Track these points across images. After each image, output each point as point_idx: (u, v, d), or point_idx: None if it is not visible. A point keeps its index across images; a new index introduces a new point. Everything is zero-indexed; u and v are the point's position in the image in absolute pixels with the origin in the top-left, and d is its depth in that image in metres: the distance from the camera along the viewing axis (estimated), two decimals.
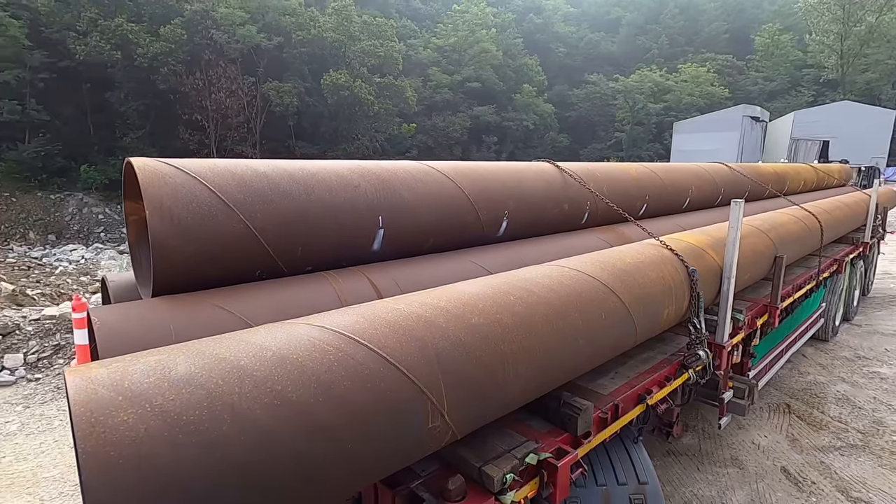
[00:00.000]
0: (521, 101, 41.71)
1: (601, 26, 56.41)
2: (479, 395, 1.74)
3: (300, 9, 29.91)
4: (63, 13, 23.80)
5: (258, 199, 2.02)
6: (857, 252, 6.81)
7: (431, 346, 1.63)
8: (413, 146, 35.96)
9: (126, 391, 1.13)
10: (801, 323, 5.61)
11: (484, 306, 1.89)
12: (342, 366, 1.42)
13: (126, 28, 24.12)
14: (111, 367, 1.21)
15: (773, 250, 4.03)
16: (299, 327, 1.53)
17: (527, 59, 45.08)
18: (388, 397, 1.47)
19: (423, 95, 38.87)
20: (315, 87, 29.57)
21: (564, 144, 45.41)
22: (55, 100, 24.58)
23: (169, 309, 1.77)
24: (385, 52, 31.26)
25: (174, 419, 1.12)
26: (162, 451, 1.08)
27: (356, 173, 2.42)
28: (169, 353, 1.31)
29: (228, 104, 26.44)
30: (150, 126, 26.69)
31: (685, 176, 5.00)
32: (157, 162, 1.93)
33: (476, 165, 3.13)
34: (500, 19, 45.06)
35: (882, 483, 4.37)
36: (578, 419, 2.16)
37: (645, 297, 2.56)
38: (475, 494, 1.80)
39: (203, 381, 1.21)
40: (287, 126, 30.14)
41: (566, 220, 3.64)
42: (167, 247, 1.80)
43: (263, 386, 1.27)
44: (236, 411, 1.20)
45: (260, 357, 1.34)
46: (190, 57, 25.89)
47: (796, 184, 7.53)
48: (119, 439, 1.04)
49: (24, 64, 23.00)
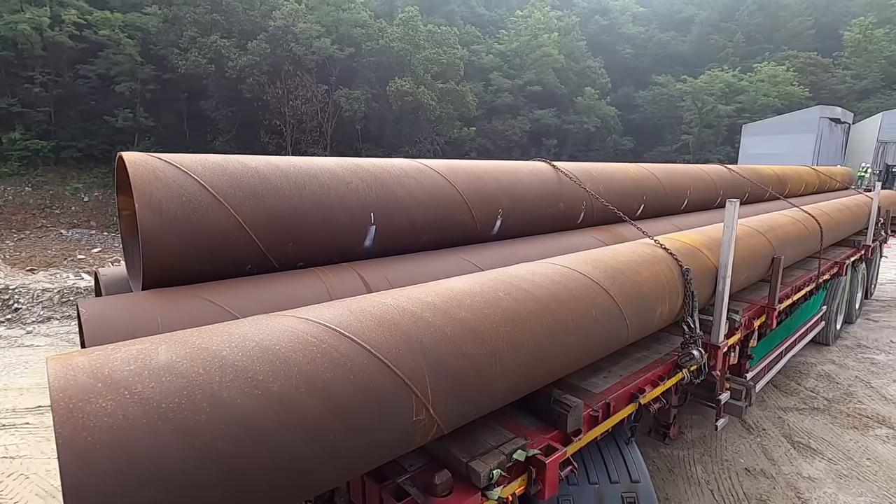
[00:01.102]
0: (583, 104, 40.98)
1: (672, 26, 53.69)
2: (466, 388, 1.74)
3: (370, 20, 32.09)
4: (169, 32, 27.42)
5: (249, 194, 2.02)
6: (858, 255, 6.75)
7: (417, 340, 1.63)
8: (472, 149, 36.23)
9: (106, 378, 1.13)
10: (800, 325, 5.58)
11: (471, 301, 1.89)
12: (325, 357, 1.41)
13: (219, 44, 27.36)
14: (93, 354, 1.21)
15: (770, 251, 4.02)
16: (284, 319, 1.53)
17: (590, 61, 44.55)
18: (372, 390, 1.46)
19: (485, 99, 39.30)
20: (381, 93, 31.32)
21: (628, 147, 44.00)
22: (159, 108, 28.28)
23: (157, 301, 1.77)
24: (447, 59, 32.67)
25: (153, 406, 1.12)
26: (140, 437, 1.08)
27: (348, 170, 2.43)
28: (151, 342, 1.31)
29: (304, 110, 28.99)
30: (235, 130, 29.78)
31: (683, 177, 4.99)
32: (148, 156, 1.94)
33: (471, 164, 3.14)
34: (563, 22, 44.37)
35: (827, 434, 4.90)
36: (568, 416, 2.16)
37: (637, 296, 2.55)
38: (462, 490, 1.79)
39: (184, 370, 1.21)
40: (355, 130, 32.03)
41: (562, 220, 3.64)
42: (157, 240, 1.80)
43: (244, 375, 1.27)
44: (216, 400, 1.20)
45: (242, 347, 1.34)
46: (272, 68, 28.77)
47: (798, 186, 7.50)
48: (97, 425, 1.04)
49: (136, 77, 26.81)
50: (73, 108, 26.11)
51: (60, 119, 25.71)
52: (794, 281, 4.88)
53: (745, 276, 3.73)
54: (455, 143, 35.19)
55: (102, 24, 25.71)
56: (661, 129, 45.59)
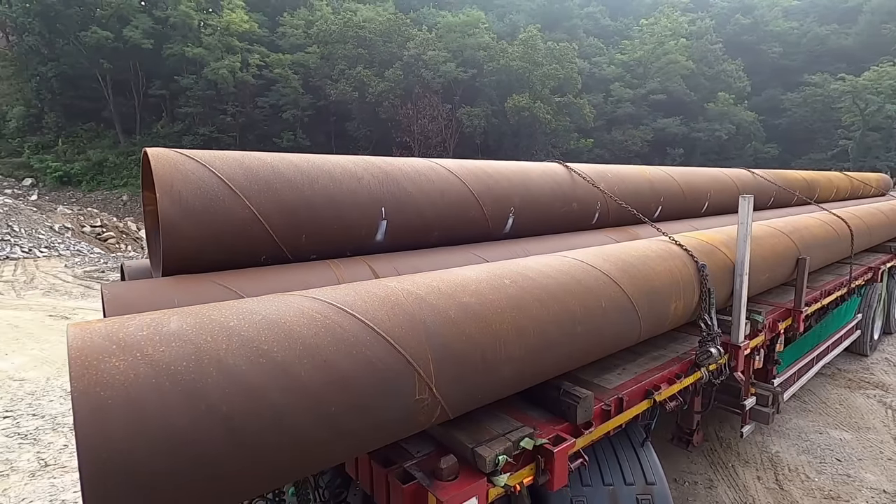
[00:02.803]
0: (715, 111, 38.76)
1: (833, 17, 47.80)
2: (471, 372, 1.75)
3: (493, 43, 35.06)
4: (324, 67, 33.43)
5: (264, 186, 2.09)
6: (895, 261, 6.48)
7: (420, 321, 1.65)
8: (589, 160, 36.25)
9: (120, 341, 1.20)
10: (832, 332, 5.36)
11: (477, 287, 1.90)
12: (329, 332, 1.45)
13: (363, 74, 32.08)
14: (109, 321, 1.29)
15: (794, 252, 3.91)
16: (291, 297, 1.58)
17: (725, 64, 42.22)
18: (375, 366, 1.48)
19: (604, 110, 39.57)
20: (500, 108, 33.76)
21: (772, 155, 40.22)
22: (313, 130, 34.65)
23: (174, 286, 1.85)
24: (565, 73, 34.34)
25: (163, 368, 1.18)
26: (149, 396, 1.13)
27: (360, 166, 2.48)
28: (164, 313, 1.38)
29: (430, 128, 32.57)
30: (372, 147, 33.90)
31: (703, 180, 4.92)
32: (170, 151, 2.04)
33: (482, 163, 3.18)
34: (695, 27, 43.18)
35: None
36: (578, 408, 2.13)
37: (650, 290, 2.51)
38: (467, 475, 1.79)
39: (193, 337, 1.27)
40: (475, 143, 34.84)
41: (575, 220, 3.63)
42: (177, 229, 1.87)
43: (250, 345, 1.31)
44: (222, 365, 1.25)
45: (249, 319, 1.39)
46: (404, 92, 32.66)
47: (828, 192, 7.28)
48: (110, 382, 1.10)
49: (298, 105, 33.38)
50: (252, 133, 33.81)
51: (243, 142, 32.88)
52: (824, 285, 4.71)
53: (766, 277, 3.62)
54: (571, 154, 35.44)
55: (276, 64, 33.15)
56: (813, 134, 41.19)
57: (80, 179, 29.39)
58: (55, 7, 28.78)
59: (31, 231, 17.06)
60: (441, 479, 1.75)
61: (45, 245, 16.42)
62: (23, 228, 16.95)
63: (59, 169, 29.66)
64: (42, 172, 29.24)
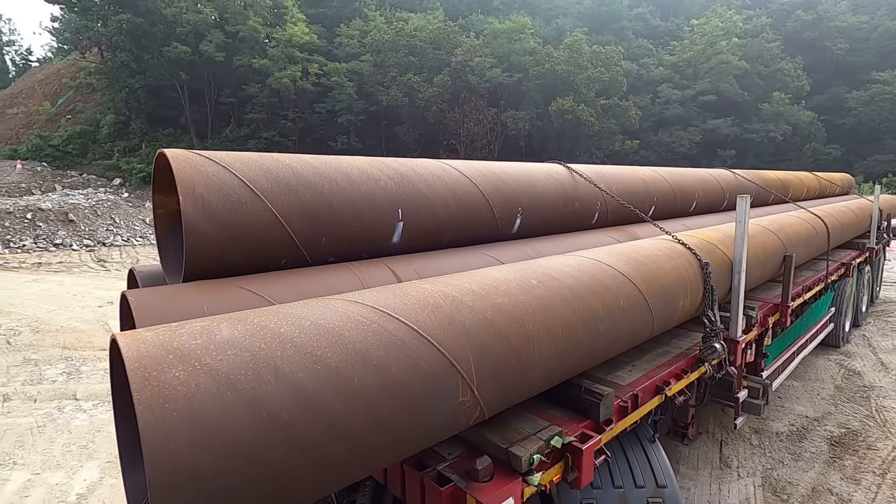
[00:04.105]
0: (770, 111, 37.66)
1: None
2: (507, 373, 1.76)
3: (538, 47, 36.00)
4: (376, 74, 35.35)
5: (285, 189, 2.05)
6: (863, 257, 6.77)
7: (460, 323, 1.65)
8: (634, 161, 35.99)
9: (175, 350, 1.16)
10: (811, 326, 5.62)
11: (507, 288, 1.91)
12: (377, 336, 1.44)
13: (413, 80, 33.80)
14: (158, 331, 1.24)
15: (782, 249, 4.07)
16: (334, 301, 1.56)
17: (783, 63, 40.77)
18: (422, 369, 1.49)
19: (651, 112, 39.58)
20: (544, 111, 34.59)
21: (833, 156, 38.51)
22: (366, 134, 36.77)
23: (200, 291, 1.80)
24: (610, 76, 35.02)
25: (222, 377, 1.14)
26: (212, 406, 1.10)
27: (375, 168, 2.46)
28: (211, 320, 1.34)
29: (476, 131, 33.90)
30: (420, 150, 35.27)
31: (691, 181, 5.10)
32: (189, 152, 1.97)
33: (490, 164, 3.21)
34: (751, 25, 42.59)
35: None
36: (601, 405, 2.15)
37: (661, 288, 2.57)
38: (502, 475, 1.79)
39: (247, 345, 1.24)
40: (520, 146, 35.75)
41: (577, 220, 3.68)
42: (199, 232, 1.82)
43: (304, 351, 1.30)
44: (280, 373, 1.22)
45: (299, 325, 1.37)
46: (451, 96, 34.23)
47: (799, 191, 7.53)
48: (172, 394, 1.07)
49: (352, 111, 35.41)
50: (309, 137, 36.21)
51: (301, 145, 35.35)
52: (804, 280, 4.93)
53: (758, 274, 3.72)
54: (616, 156, 35.83)
55: (333, 72, 35.44)
56: (880, 135, 38.96)
57: None
58: (142, 26, 32.18)
59: (129, 223, 19.74)
60: (477, 481, 1.74)
61: (140, 235, 19.07)
62: (122, 221, 19.63)
63: (143, 170, 32.72)
64: (129, 173, 32.43)
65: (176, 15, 32.22)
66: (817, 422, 5.21)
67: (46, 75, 39.75)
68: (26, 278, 12.89)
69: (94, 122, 35.09)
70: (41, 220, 17.84)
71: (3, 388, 6.16)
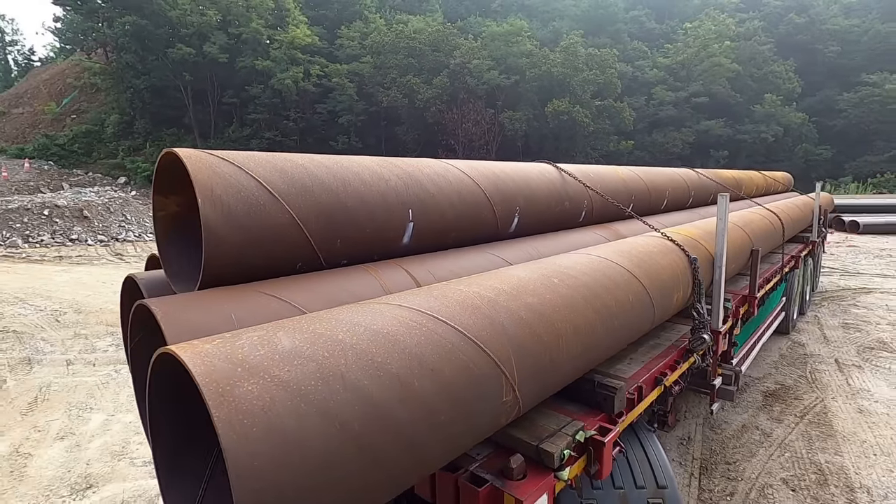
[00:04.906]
0: (762, 112, 38.64)
1: None
2: (542, 371, 1.79)
3: (535, 50, 36.90)
4: (376, 75, 36.15)
5: (301, 190, 2.01)
6: (808, 250, 7.29)
7: (499, 323, 1.68)
8: (629, 162, 36.58)
9: (241, 363, 1.11)
10: (768, 315, 6.02)
11: (534, 288, 1.95)
12: (429, 340, 1.44)
13: (412, 81, 34.54)
14: (214, 343, 1.18)
15: (749, 244, 4.30)
16: (381, 306, 1.54)
17: (775, 65, 41.89)
18: (471, 371, 1.50)
19: (646, 113, 40.09)
20: (541, 112, 35.37)
21: (824, 157, 39.58)
22: (366, 134, 37.39)
23: (224, 299, 1.73)
24: (605, 79, 35.88)
25: (294, 389, 1.11)
26: (288, 420, 1.07)
27: (385, 168, 2.45)
28: (265, 329, 1.29)
29: (474, 131, 34.56)
30: (419, 150, 35.82)
31: (663, 179, 5.32)
32: (201, 153, 1.89)
33: (489, 164, 3.25)
34: (743, 28, 43.31)
35: None
36: (615, 398, 2.21)
37: (660, 283, 2.68)
38: (534, 472, 1.81)
39: (310, 354, 1.21)
40: (517, 146, 36.37)
41: (567, 218, 3.77)
42: (218, 235, 1.75)
43: (365, 357, 1.28)
44: (347, 381, 1.20)
45: (355, 332, 1.34)
46: (450, 97, 35.01)
47: (750, 188, 8.01)
48: (249, 409, 1.03)
49: (353, 111, 36.24)
50: (311, 136, 37.05)
51: (303, 145, 36.06)
52: (764, 273, 5.17)
53: (732, 267, 3.90)
54: (611, 157, 36.43)
55: (334, 73, 36.31)
56: (870, 136, 40.03)
57: None
58: (147, 28, 32.74)
59: (139, 219, 20.46)
60: (511, 479, 1.75)
61: (150, 231, 19.76)
62: (133, 217, 20.35)
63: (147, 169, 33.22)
64: (133, 172, 32.94)
65: (180, 17, 32.90)
66: (758, 380, 5.95)
67: (51, 75, 40.23)
68: (53, 269, 13.74)
69: (99, 122, 35.77)
70: (57, 217, 18.58)
71: (64, 355, 7.17)
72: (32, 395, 5.84)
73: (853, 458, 4.40)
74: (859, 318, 8.26)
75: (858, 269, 12.25)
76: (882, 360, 6.49)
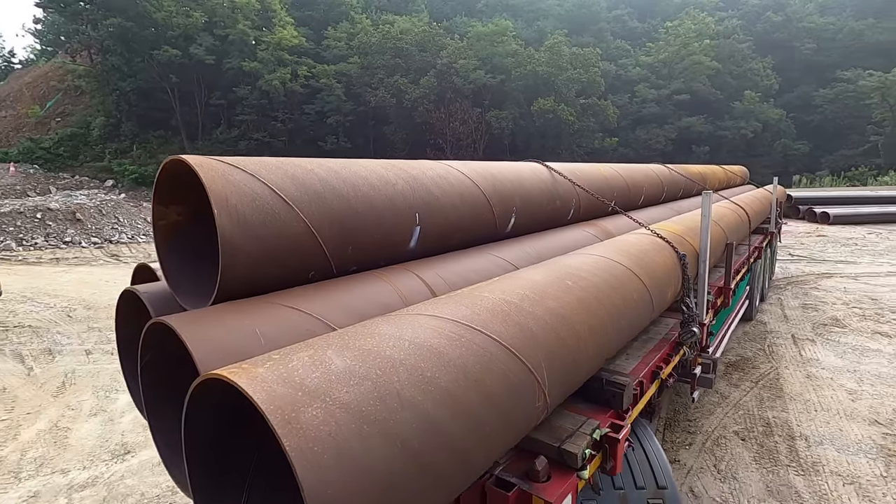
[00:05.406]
0: (741, 109, 39.54)
1: (870, 12, 47.42)
2: (566, 373, 1.81)
3: (520, 49, 37.41)
4: (364, 76, 36.42)
5: (314, 197, 1.96)
6: (767, 240, 7.67)
7: (528, 329, 1.69)
8: (614, 158, 36.62)
9: (300, 386, 1.08)
10: (736, 304, 6.21)
11: (553, 291, 1.97)
12: (470, 350, 1.44)
13: (399, 82, 34.81)
14: (266, 366, 1.14)
15: (724, 238, 4.46)
16: (416, 317, 1.53)
17: (753, 63, 42.69)
18: (510, 379, 1.50)
19: (630, 111, 40.51)
20: (527, 111, 35.80)
21: (802, 151, 40.45)
22: (354, 133, 37.76)
23: (244, 313, 1.66)
24: (588, 77, 36.57)
25: (355, 411, 1.09)
26: (355, 444, 1.05)
27: (391, 171, 2.43)
28: (313, 348, 1.26)
29: (461, 130, 34.98)
30: (408, 149, 35.97)
31: (639, 175, 5.48)
32: (211, 160, 1.81)
33: (486, 165, 3.26)
34: (722, 26, 44.04)
35: None
36: (623, 395, 2.23)
37: (657, 280, 2.76)
38: (557, 473, 1.82)
39: (364, 372, 1.19)
40: (503, 144, 36.88)
41: (558, 216, 3.81)
42: (235, 247, 1.69)
43: (416, 373, 1.26)
44: (402, 399, 1.18)
45: (401, 346, 1.32)
46: (437, 97, 35.17)
47: (714, 182, 8.39)
48: (317, 435, 1.00)
49: (341, 111, 36.58)
50: (299, 137, 37.25)
51: (291, 145, 36.31)
52: (734, 264, 5.15)
53: (712, 261, 3.95)
54: (596, 153, 36.86)
55: (321, 74, 36.59)
56: (844, 131, 41.29)
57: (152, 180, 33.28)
58: (132, 30, 32.70)
59: (132, 221, 20.63)
60: (537, 481, 1.76)
61: (143, 233, 19.99)
62: (125, 219, 20.52)
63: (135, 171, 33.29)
64: (121, 174, 32.90)
65: (166, 19, 32.82)
66: (721, 354, 6.27)
67: (34, 78, 39.87)
68: (53, 270, 13.97)
69: (85, 125, 35.57)
70: (50, 220, 18.74)
71: (82, 346, 7.59)
72: (59, 380, 6.28)
73: (797, 413, 5.02)
74: (818, 300, 8.99)
75: (824, 256, 13.12)
76: (833, 335, 7.19)
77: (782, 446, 4.49)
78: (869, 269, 11.31)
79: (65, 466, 4.44)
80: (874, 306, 8.46)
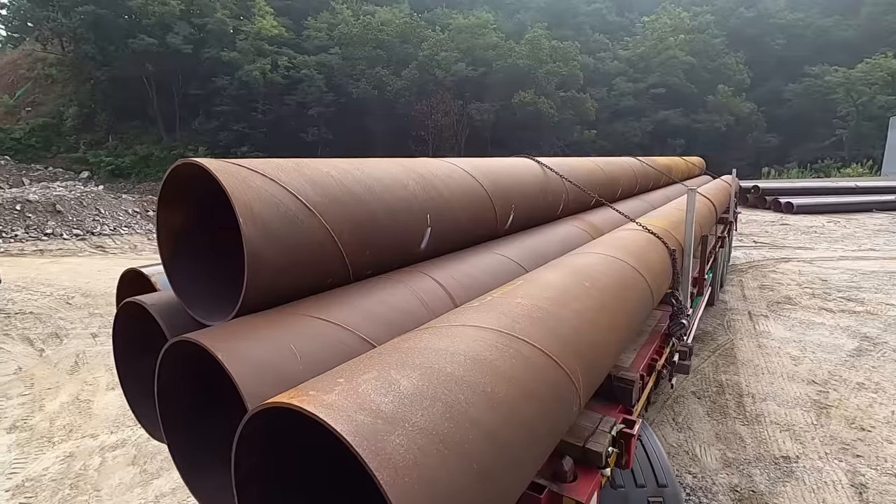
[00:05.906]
0: (715, 102, 40.47)
1: (837, 9, 48.97)
2: (593, 374, 1.84)
3: (501, 42, 37.93)
4: (345, 67, 36.44)
5: (333, 201, 1.90)
6: (728, 228, 8.04)
7: (563, 335, 1.70)
8: (592, 151, 36.87)
9: (378, 413, 1.04)
10: (705, 292, 6.34)
11: (576, 294, 1.98)
12: (518, 361, 1.43)
13: (381, 73, 35.25)
14: (336, 393, 1.09)
15: (700, 230, 4.61)
16: (459, 328, 1.51)
17: (726, 58, 43.65)
18: (557, 387, 1.52)
19: (608, 104, 41.09)
20: (508, 104, 36.16)
21: (772, 144, 41.56)
22: (336, 125, 37.40)
23: (272, 326, 1.58)
24: (568, 70, 37.40)
25: (433, 435, 1.06)
26: (437, 469, 1.02)
27: (402, 171, 2.39)
28: (375, 369, 1.21)
29: (443, 122, 35.27)
30: (391, 141, 35.90)
31: (616, 169, 5.62)
32: (229, 164, 1.70)
33: (485, 162, 3.25)
34: (697, 21, 44.85)
35: None
36: (632, 390, 2.27)
37: (655, 276, 2.84)
38: (582, 472, 1.84)
39: (434, 394, 1.15)
40: (485, 136, 37.22)
41: (549, 212, 3.85)
42: (262, 258, 1.60)
43: (478, 389, 1.24)
44: (470, 418, 1.16)
45: (457, 362, 1.30)
46: (419, 89, 35.52)
47: (677, 174, 8.78)
48: (404, 463, 0.97)
49: (322, 103, 36.28)
50: (280, 129, 36.55)
51: (272, 137, 36.03)
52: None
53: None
54: (575, 146, 37.36)
55: (302, 65, 36.34)
56: (813, 125, 42.37)
57: (129, 172, 32.82)
58: (106, 17, 32.13)
59: (113, 213, 20.47)
60: (564, 481, 1.77)
61: (125, 225, 19.90)
62: (107, 211, 20.36)
63: (111, 163, 32.96)
64: (97, 166, 32.51)
65: (141, 6, 32.04)
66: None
67: (1, 66, 38.60)
68: (40, 261, 13.99)
69: (58, 115, 34.58)
70: (30, 212, 18.50)
71: (87, 330, 7.89)
72: (71, 360, 6.60)
73: (747, 376, 5.77)
74: (775, 281, 9.82)
75: (785, 243, 14.13)
76: (785, 311, 7.98)
77: (731, 402, 5.19)
78: (824, 255, 12.28)
79: (93, 432, 4.82)
80: (823, 286, 9.27)
